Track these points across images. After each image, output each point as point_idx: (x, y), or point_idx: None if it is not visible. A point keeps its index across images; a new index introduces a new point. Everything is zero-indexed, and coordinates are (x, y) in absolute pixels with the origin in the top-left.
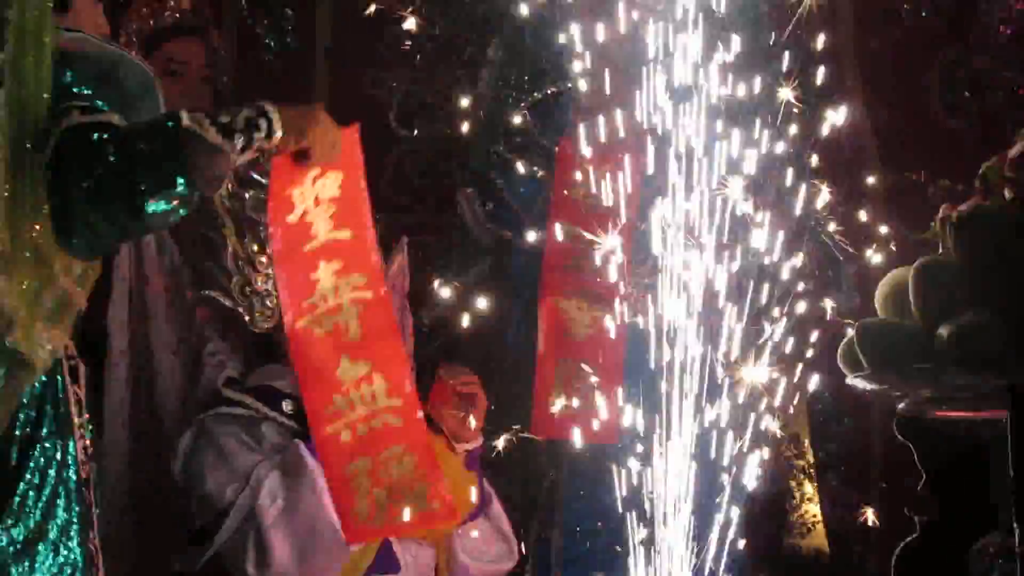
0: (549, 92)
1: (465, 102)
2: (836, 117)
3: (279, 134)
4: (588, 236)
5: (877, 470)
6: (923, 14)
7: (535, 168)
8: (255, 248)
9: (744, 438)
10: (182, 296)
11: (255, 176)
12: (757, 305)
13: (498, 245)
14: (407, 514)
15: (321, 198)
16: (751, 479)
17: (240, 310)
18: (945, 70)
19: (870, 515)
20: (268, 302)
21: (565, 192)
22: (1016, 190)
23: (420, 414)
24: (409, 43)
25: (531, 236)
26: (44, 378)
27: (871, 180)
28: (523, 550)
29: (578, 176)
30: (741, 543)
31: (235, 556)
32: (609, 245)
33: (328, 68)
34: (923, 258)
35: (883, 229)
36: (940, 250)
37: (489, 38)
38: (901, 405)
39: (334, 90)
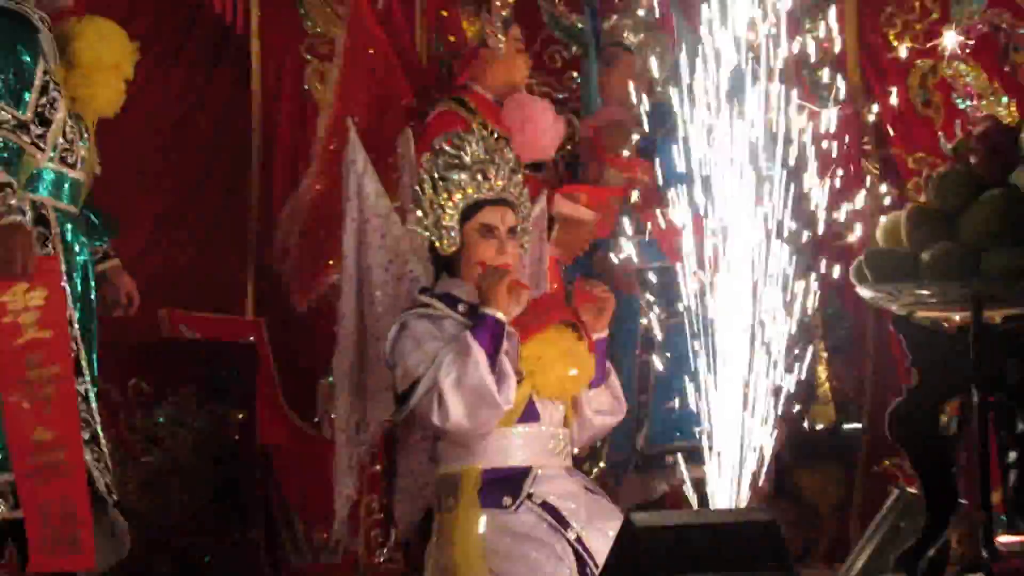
0: None
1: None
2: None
3: None
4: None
5: (871, 355)
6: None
7: None
8: (445, 195)
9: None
10: (391, 229)
11: (443, 146)
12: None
13: None
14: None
15: (30, 306)
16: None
17: (432, 239)
18: (921, 77)
19: (867, 387)
20: (452, 234)
21: None
22: (978, 157)
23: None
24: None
25: None
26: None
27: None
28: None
29: None
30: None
31: (424, 412)
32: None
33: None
34: (910, 205)
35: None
36: (923, 199)
37: None
38: (893, 307)
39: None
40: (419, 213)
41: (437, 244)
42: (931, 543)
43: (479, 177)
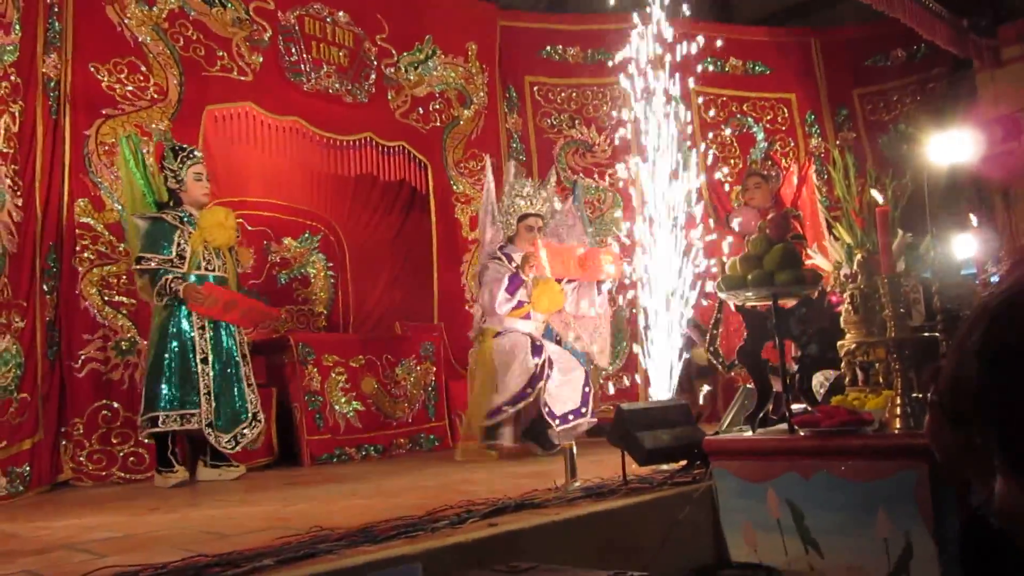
0: None
1: None
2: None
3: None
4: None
5: (724, 324)
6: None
7: None
8: (512, 209)
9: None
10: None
11: (512, 186)
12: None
13: None
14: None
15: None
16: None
17: (504, 229)
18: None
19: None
20: (513, 227)
21: None
22: (771, 230)
23: None
24: None
25: None
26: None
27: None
28: None
29: None
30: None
31: (479, 298)
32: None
33: None
34: (743, 254)
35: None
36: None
37: None
38: (736, 301)
39: None
40: (500, 215)
41: (505, 231)
42: (760, 410)
43: (527, 202)
